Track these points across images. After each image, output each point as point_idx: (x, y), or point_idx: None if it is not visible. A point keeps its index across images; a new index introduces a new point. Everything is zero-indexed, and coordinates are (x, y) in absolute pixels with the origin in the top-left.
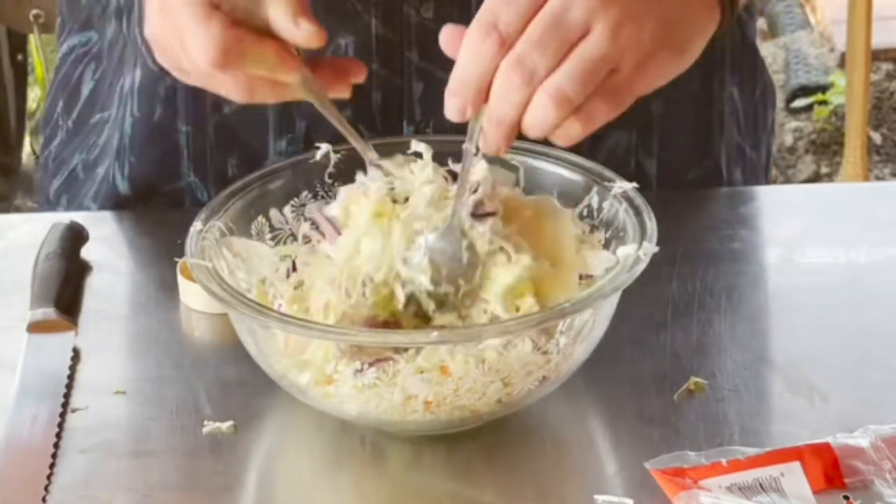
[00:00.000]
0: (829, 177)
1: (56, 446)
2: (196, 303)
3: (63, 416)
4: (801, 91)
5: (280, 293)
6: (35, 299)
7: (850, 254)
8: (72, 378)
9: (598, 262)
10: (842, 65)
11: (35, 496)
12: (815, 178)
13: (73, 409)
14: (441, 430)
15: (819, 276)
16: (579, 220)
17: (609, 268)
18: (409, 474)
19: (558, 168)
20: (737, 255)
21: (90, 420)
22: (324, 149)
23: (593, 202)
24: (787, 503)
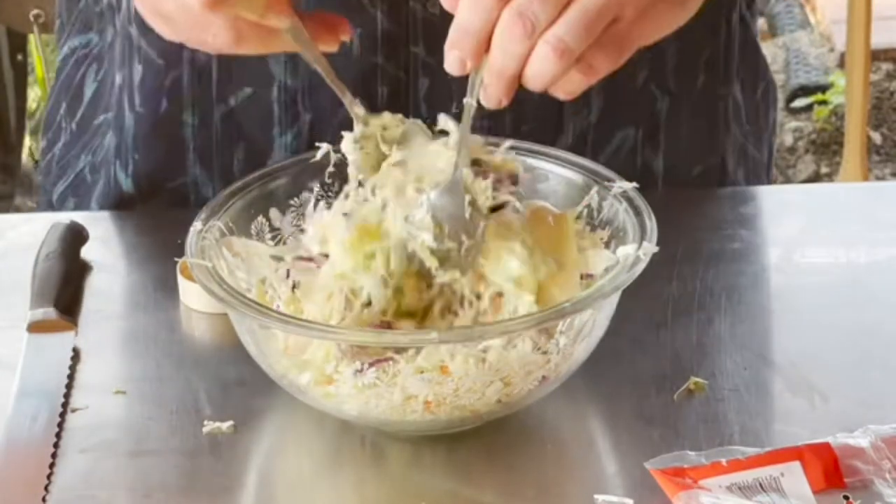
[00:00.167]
0: (829, 177)
1: (56, 446)
2: (196, 303)
3: (63, 416)
4: (801, 91)
5: (279, 294)
6: (35, 299)
7: (850, 254)
8: (72, 378)
9: (598, 260)
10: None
11: (35, 496)
12: (815, 178)
13: (73, 409)
14: (441, 430)
15: (819, 276)
16: (578, 220)
17: (609, 267)
18: (409, 474)
19: (558, 168)
20: (737, 255)
21: (90, 420)
22: (324, 149)
23: (593, 202)
24: (787, 503)
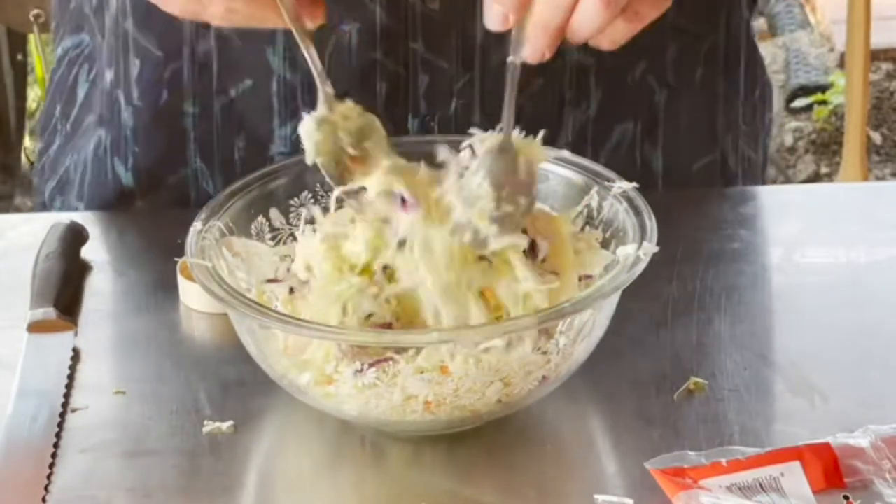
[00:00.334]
0: (829, 177)
1: (56, 446)
2: (196, 303)
3: (63, 416)
4: (801, 91)
5: (276, 295)
6: (35, 299)
7: (850, 254)
8: (72, 378)
9: (595, 261)
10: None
11: (35, 496)
12: (815, 178)
13: (73, 409)
14: (441, 431)
15: (819, 276)
16: (577, 219)
17: (608, 266)
18: (409, 474)
19: (558, 168)
20: (737, 254)
21: (90, 420)
22: None
23: (593, 202)
24: (787, 503)
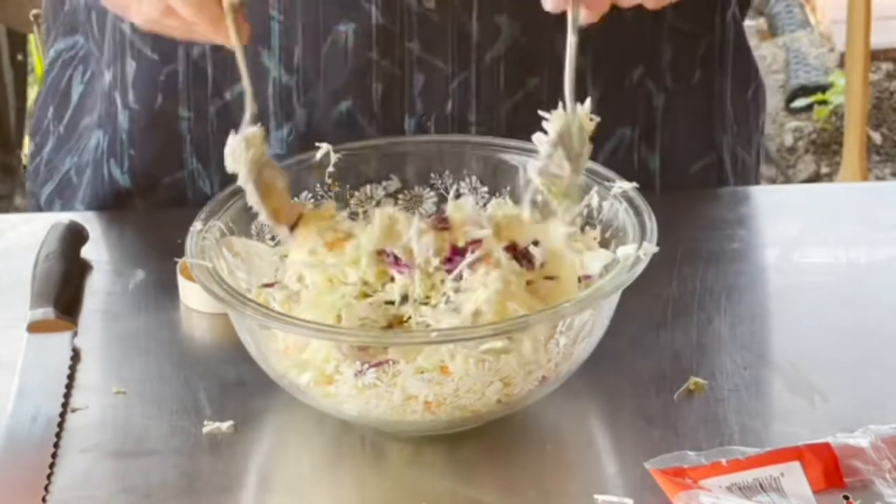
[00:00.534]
0: (829, 177)
1: (56, 446)
2: (196, 303)
3: (63, 416)
4: (801, 91)
5: (274, 297)
6: (35, 299)
7: (850, 254)
8: (72, 378)
9: (594, 261)
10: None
11: (35, 496)
12: (815, 178)
13: (73, 409)
14: (441, 431)
15: (819, 276)
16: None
17: (608, 265)
18: (410, 474)
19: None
20: (737, 255)
21: (90, 420)
22: (324, 149)
23: (593, 202)
24: (787, 503)
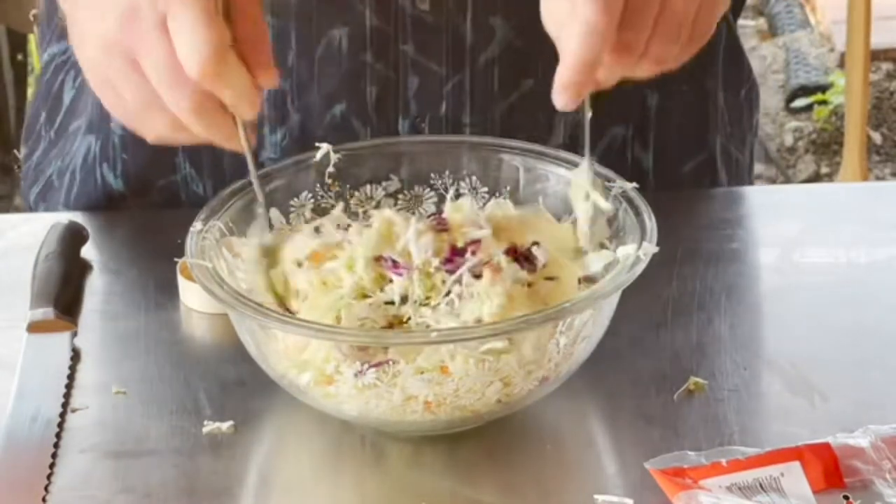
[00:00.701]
0: (829, 177)
1: (56, 446)
2: (196, 303)
3: (63, 416)
4: (801, 91)
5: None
6: (35, 299)
7: (850, 254)
8: (72, 378)
9: (594, 261)
10: (842, 65)
11: (35, 496)
12: (815, 178)
13: (73, 409)
14: (441, 431)
15: (819, 276)
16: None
17: (608, 266)
18: (410, 474)
19: (558, 168)
20: (736, 255)
21: (90, 420)
22: (324, 149)
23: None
24: (787, 503)
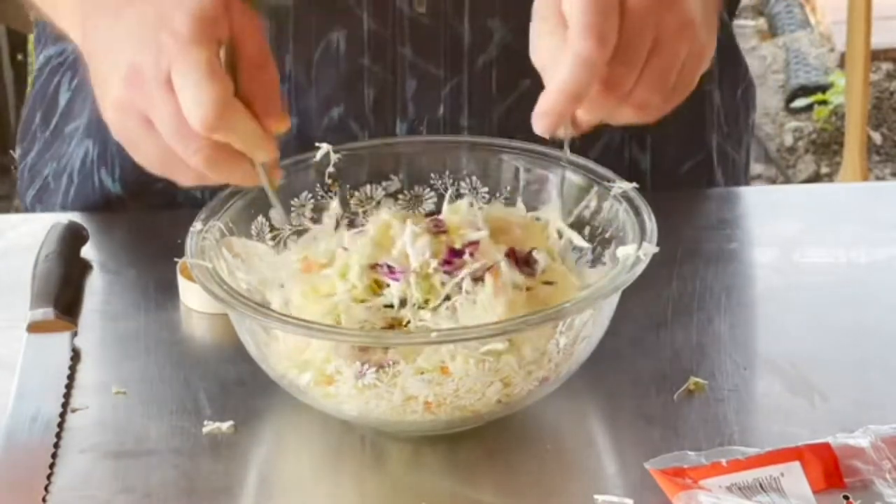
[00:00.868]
0: (829, 177)
1: (56, 446)
2: (196, 303)
3: (63, 416)
4: (801, 91)
5: (270, 299)
6: (35, 299)
7: (850, 254)
8: (72, 378)
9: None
10: (842, 65)
11: (35, 496)
12: (815, 178)
13: (73, 409)
14: (441, 431)
15: (819, 276)
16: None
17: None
18: (409, 474)
19: (558, 168)
20: (736, 255)
21: (90, 420)
22: (324, 149)
23: (593, 202)
24: (787, 503)
